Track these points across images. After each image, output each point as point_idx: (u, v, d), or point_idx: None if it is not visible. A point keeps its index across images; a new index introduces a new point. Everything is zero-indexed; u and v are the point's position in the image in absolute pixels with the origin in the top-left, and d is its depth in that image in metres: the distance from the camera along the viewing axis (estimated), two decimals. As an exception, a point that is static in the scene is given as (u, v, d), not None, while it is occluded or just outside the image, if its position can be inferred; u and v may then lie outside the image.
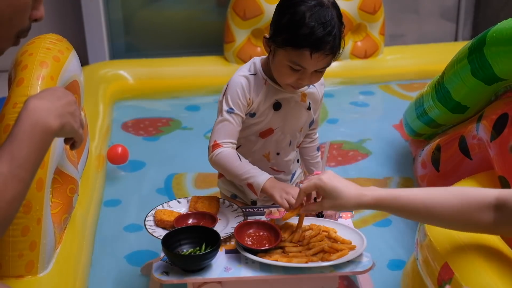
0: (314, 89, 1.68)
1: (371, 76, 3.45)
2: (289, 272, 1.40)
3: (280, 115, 1.64)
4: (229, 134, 1.58)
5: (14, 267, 1.41)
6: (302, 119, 1.68)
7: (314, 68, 1.52)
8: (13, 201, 1.02)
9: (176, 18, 3.82)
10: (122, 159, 2.43)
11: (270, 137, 1.67)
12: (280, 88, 1.61)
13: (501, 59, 1.60)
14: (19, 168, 1.02)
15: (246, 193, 1.79)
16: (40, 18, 1.13)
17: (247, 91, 1.59)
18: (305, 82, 1.55)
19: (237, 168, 1.55)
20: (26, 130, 1.04)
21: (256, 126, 1.65)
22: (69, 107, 1.13)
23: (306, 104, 1.67)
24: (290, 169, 1.76)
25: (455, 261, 1.30)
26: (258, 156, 1.69)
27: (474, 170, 1.76)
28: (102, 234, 2.04)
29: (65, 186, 1.65)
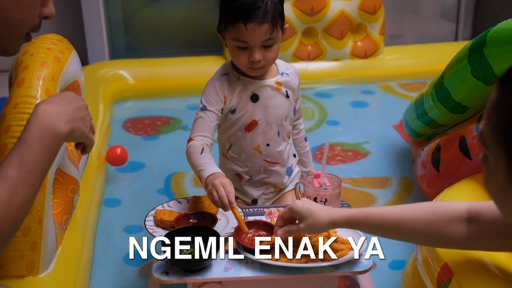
0: (288, 78, 1.73)
1: (371, 76, 3.45)
2: (289, 272, 1.40)
3: (259, 106, 1.69)
4: (201, 128, 1.65)
5: (15, 267, 1.41)
6: (283, 108, 1.73)
7: (257, 42, 1.57)
8: (22, 206, 1.02)
9: (176, 18, 3.82)
10: (121, 161, 2.41)
11: (256, 129, 1.71)
12: (253, 80, 1.67)
13: (501, 59, 1.60)
14: (28, 173, 1.02)
15: (246, 193, 1.80)
16: (50, 15, 1.13)
17: (220, 89, 1.67)
18: (257, 58, 1.59)
19: (195, 160, 1.60)
20: (35, 135, 1.04)
21: (240, 121, 1.70)
22: (80, 112, 1.13)
23: (283, 92, 1.72)
24: (284, 160, 1.79)
25: (454, 262, 1.30)
26: (249, 150, 1.73)
27: (474, 170, 1.76)
28: (102, 234, 2.04)
29: (66, 187, 1.65)
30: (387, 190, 2.31)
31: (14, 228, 1.02)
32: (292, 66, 1.79)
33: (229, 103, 1.68)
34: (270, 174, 1.79)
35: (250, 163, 1.76)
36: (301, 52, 3.37)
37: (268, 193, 1.83)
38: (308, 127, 2.88)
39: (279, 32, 1.60)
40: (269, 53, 1.61)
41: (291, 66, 1.78)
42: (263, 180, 1.79)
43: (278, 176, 1.80)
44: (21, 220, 1.03)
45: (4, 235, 1.00)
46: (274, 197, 1.85)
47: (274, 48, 1.61)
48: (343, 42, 3.39)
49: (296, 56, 3.38)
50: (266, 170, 1.78)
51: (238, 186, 1.80)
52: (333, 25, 3.33)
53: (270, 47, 1.61)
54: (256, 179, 1.79)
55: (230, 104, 1.68)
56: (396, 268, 1.83)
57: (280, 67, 1.75)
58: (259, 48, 1.59)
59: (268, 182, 1.80)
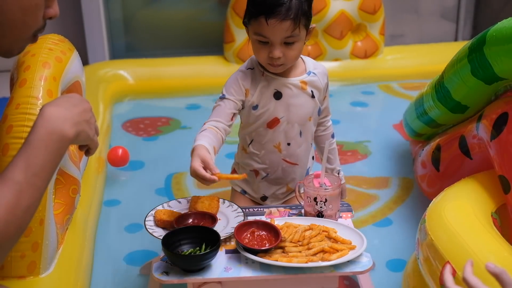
0: (315, 78, 1.71)
1: (371, 76, 3.46)
2: (289, 272, 1.40)
3: (282, 104, 1.67)
4: (216, 114, 1.64)
5: (16, 267, 1.41)
6: (306, 107, 1.71)
7: (278, 38, 1.56)
8: (28, 209, 1.02)
9: (176, 18, 3.83)
10: (122, 162, 2.41)
11: (278, 127, 1.69)
12: (277, 77, 1.66)
13: (501, 58, 1.60)
14: (34, 176, 1.02)
15: (257, 190, 1.80)
16: (54, 16, 1.13)
17: (242, 80, 1.66)
18: (276, 55, 1.57)
19: (196, 136, 1.58)
20: (42, 138, 1.04)
21: (262, 117, 1.69)
22: (85, 114, 1.13)
23: (308, 91, 1.70)
24: (304, 163, 1.78)
25: (457, 260, 1.30)
26: (269, 147, 1.72)
27: (474, 169, 1.76)
28: (102, 234, 2.04)
29: (67, 187, 1.65)
30: (387, 190, 2.31)
31: (20, 231, 1.02)
32: (321, 66, 1.76)
33: (251, 97, 1.66)
34: (287, 174, 1.77)
35: (269, 161, 1.74)
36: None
37: (279, 193, 1.82)
38: (308, 127, 2.88)
39: (301, 31, 1.58)
40: (290, 51, 1.59)
41: (320, 66, 1.75)
42: (279, 179, 1.78)
43: (295, 178, 1.79)
44: (26, 224, 1.03)
45: (10, 238, 1.00)
46: (284, 198, 1.84)
47: (295, 46, 1.59)
48: (343, 42, 3.39)
49: (296, 56, 3.38)
50: (284, 170, 1.76)
51: (252, 182, 1.80)
52: (333, 25, 3.33)
53: (291, 45, 1.58)
54: (272, 177, 1.78)
55: (252, 99, 1.66)
56: (397, 268, 1.83)
57: (308, 66, 1.72)
58: (280, 45, 1.57)
59: (282, 183, 1.79)
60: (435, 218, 1.49)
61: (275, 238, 1.46)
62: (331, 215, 1.60)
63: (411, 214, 2.14)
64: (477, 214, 1.48)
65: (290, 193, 1.84)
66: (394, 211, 2.17)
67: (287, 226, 1.53)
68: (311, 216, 1.60)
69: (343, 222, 1.60)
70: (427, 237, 1.44)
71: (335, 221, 1.59)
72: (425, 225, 1.48)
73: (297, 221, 1.57)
